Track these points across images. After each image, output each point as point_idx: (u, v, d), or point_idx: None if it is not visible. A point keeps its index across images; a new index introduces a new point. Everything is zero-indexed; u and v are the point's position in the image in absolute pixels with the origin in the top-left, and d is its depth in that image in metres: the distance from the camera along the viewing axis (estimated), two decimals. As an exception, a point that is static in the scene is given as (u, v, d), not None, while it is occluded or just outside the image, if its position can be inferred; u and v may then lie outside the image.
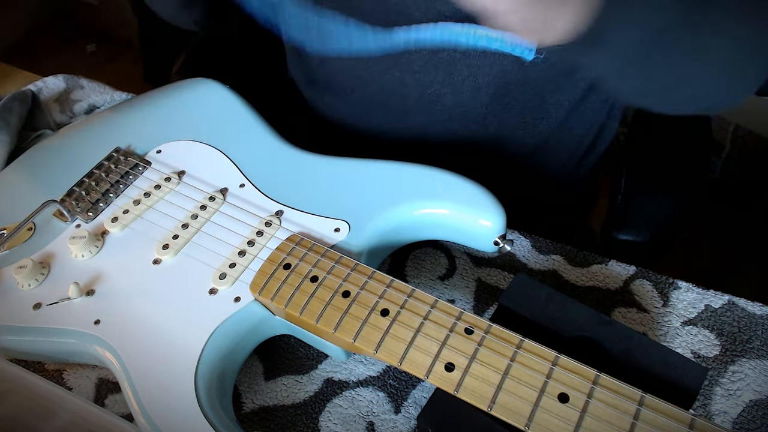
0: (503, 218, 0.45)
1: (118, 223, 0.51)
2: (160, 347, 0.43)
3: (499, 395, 0.35)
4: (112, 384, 0.49)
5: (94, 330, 0.45)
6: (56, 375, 0.50)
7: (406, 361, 0.38)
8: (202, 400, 0.40)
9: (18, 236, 0.52)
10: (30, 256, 0.50)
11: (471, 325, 0.38)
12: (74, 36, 2.06)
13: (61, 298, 0.47)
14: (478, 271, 0.54)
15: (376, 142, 0.64)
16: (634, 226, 0.67)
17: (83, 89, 0.77)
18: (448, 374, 0.37)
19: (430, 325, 0.39)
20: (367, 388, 0.48)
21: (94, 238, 0.50)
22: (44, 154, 0.60)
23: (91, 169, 0.55)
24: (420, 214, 0.47)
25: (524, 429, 0.34)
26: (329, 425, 0.46)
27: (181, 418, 0.39)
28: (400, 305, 0.40)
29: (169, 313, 0.45)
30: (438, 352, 0.37)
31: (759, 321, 0.50)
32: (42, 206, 0.52)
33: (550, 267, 0.54)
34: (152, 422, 0.39)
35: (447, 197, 0.47)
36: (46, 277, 0.49)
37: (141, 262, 0.48)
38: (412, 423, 0.46)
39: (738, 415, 0.45)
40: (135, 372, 0.42)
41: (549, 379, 0.35)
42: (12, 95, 0.70)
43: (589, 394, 0.34)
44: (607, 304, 0.51)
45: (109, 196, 0.53)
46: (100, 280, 0.48)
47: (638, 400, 0.34)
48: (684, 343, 0.49)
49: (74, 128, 0.62)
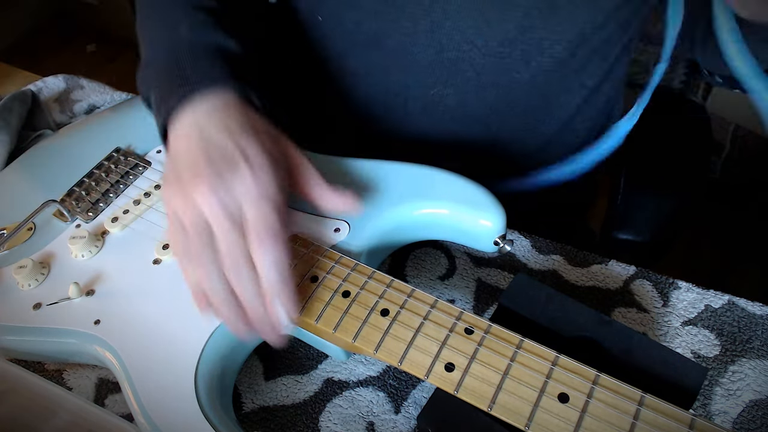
0: (503, 218, 0.45)
1: (118, 223, 0.51)
2: (160, 347, 0.43)
3: (499, 395, 0.35)
4: (112, 384, 0.49)
5: (94, 330, 0.45)
6: (56, 375, 0.50)
7: (406, 361, 0.38)
8: (202, 400, 0.40)
9: (18, 236, 0.52)
10: (30, 256, 0.50)
11: (471, 325, 0.38)
12: (74, 36, 2.06)
13: (61, 298, 0.47)
14: (478, 271, 0.54)
15: (376, 141, 0.64)
16: (633, 225, 0.67)
17: (83, 89, 0.77)
18: (448, 374, 0.37)
19: (430, 325, 0.39)
20: (367, 388, 0.48)
21: (94, 238, 0.50)
22: (44, 154, 0.60)
23: (91, 169, 0.55)
24: (420, 214, 0.47)
25: (524, 429, 0.34)
26: (329, 425, 0.46)
27: (181, 418, 0.39)
28: (400, 305, 0.40)
29: (169, 313, 0.45)
30: (438, 352, 0.37)
31: (759, 321, 0.50)
32: (42, 206, 0.52)
33: (550, 267, 0.54)
34: (152, 422, 0.39)
35: (447, 197, 0.47)
36: (46, 277, 0.49)
37: (141, 262, 0.48)
38: (412, 423, 0.46)
39: (738, 415, 0.45)
40: (135, 372, 0.42)
41: (549, 379, 0.35)
42: (12, 95, 0.70)
43: (589, 394, 0.34)
44: (607, 304, 0.51)
45: (109, 196, 0.53)
46: (100, 280, 0.48)
47: (638, 400, 0.34)
48: (684, 343, 0.49)
49: (74, 128, 0.63)
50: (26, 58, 1.97)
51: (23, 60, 1.93)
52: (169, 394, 0.41)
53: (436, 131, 0.61)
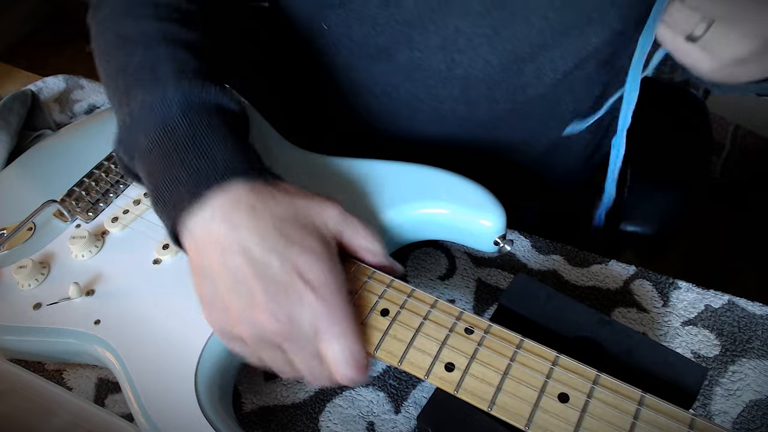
0: (503, 218, 0.45)
1: (118, 223, 0.51)
2: (161, 347, 0.43)
3: (499, 395, 0.35)
4: (112, 384, 0.49)
5: (95, 330, 0.45)
6: (56, 375, 0.50)
7: (406, 362, 0.38)
8: (202, 400, 0.40)
9: (18, 236, 0.52)
10: (30, 256, 0.50)
11: (471, 325, 0.38)
12: (74, 36, 2.06)
13: (61, 298, 0.47)
14: (478, 271, 0.54)
15: (381, 145, 0.64)
16: (640, 217, 0.67)
17: (83, 89, 0.77)
18: (448, 374, 0.37)
19: (430, 325, 0.39)
20: (367, 388, 0.48)
21: (94, 238, 0.50)
22: (44, 154, 0.60)
23: (91, 170, 0.55)
24: (420, 214, 0.47)
25: (524, 429, 0.34)
26: (329, 425, 0.46)
27: (181, 417, 0.39)
28: (400, 305, 0.40)
29: (169, 312, 0.45)
30: (438, 352, 0.37)
31: (759, 321, 0.50)
32: (42, 206, 0.52)
33: (550, 267, 0.54)
34: (152, 422, 0.39)
35: (448, 197, 0.47)
36: (46, 277, 0.49)
37: (141, 262, 0.48)
38: (412, 423, 0.46)
39: (738, 415, 0.45)
40: (135, 372, 0.42)
41: (549, 379, 0.35)
42: (12, 95, 0.70)
43: (589, 393, 0.34)
44: (607, 304, 0.51)
45: (109, 196, 0.53)
46: (100, 280, 0.48)
47: (638, 400, 0.34)
48: (684, 343, 0.49)
49: (74, 128, 0.63)
50: (26, 58, 1.97)
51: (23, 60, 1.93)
52: (169, 394, 0.41)
53: (444, 137, 0.61)
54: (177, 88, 0.40)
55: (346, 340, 0.36)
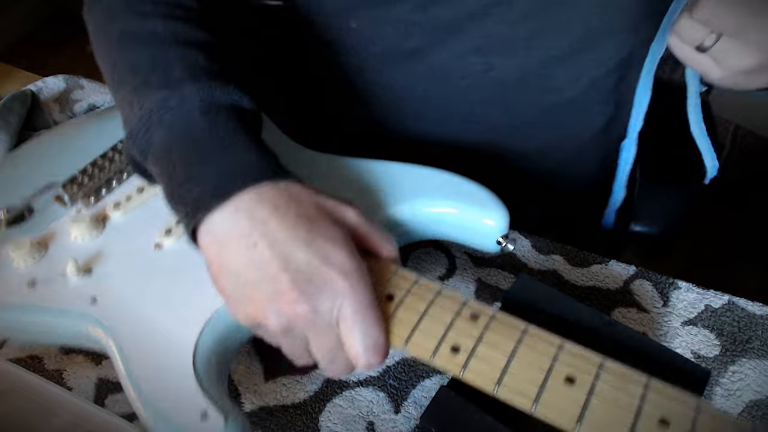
0: (506, 217, 0.45)
1: (121, 209, 0.50)
2: (158, 329, 0.42)
3: (505, 377, 0.35)
4: (112, 384, 0.49)
5: (90, 309, 0.44)
6: (56, 375, 0.50)
7: (412, 343, 0.37)
8: (201, 375, 0.40)
9: (17, 218, 0.51)
10: (28, 237, 0.49)
11: (477, 311, 0.38)
12: (74, 36, 2.06)
13: (58, 274, 0.46)
14: (478, 271, 0.54)
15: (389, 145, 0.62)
16: (649, 217, 0.67)
17: (83, 89, 0.77)
18: (453, 356, 0.36)
19: (435, 309, 0.38)
20: (367, 388, 0.48)
21: (95, 222, 0.49)
22: (50, 141, 0.60)
23: (95, 158, 0.55)
24: (424, 213, 0.47)
25: (531, 410, 0.34)
26: (329, 425, 0.46)
27: (179, 398, 0.39)
28: (406, 291, 0.40)
29: (168, 295, 0.44)
30: (444, 334, 0.37)
31: (759, 321, 0.50)
32: (43, 189, 0.52)
33: (550, 267, 0.54)
34: (150, 405, 0.39)
35: (451, 196, 0.47)
36: (43, 256, 0.48)
37: (142, 246, 0.47)
38: (412, 423, 0.46)
39: (738, 415, 0.45)
40: (131, 352, 0.41)
41: (555, 362, 0.35)
42: (12, 95, 0.70)
43: (595, 376, 0.34)
44: (607, 304, 0.51)
45: (113, 183, 0.53)
46: (98, 260, 0.47)
47: (644, 384, 0.34)
48: (684, 343, 0.49)
49: (82, 120, 0.63)
50: (26, 58, 1.97)
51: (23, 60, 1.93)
52: (166, 374, 0.40)
53: (473, 140, 0.60)
54: (194, 88, 0.40)
55: (371, 327, 0.37)
